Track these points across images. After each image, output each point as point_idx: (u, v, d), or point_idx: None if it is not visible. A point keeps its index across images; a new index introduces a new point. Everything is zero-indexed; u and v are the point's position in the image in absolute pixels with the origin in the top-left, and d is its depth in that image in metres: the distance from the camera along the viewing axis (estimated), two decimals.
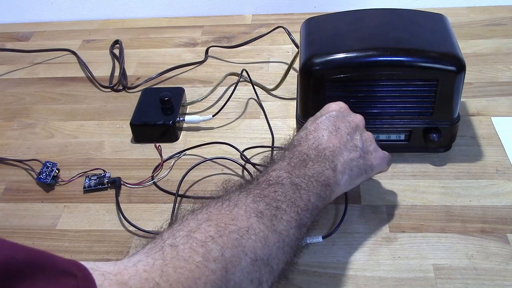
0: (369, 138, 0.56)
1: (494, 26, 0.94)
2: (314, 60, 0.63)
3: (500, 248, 0.57)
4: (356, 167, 0.53)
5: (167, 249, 0.38)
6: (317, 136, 0.53)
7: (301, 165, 0.49)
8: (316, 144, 0.52)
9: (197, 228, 0.41)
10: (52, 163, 0.71)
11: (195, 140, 0.75)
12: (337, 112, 0.56)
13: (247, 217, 0.42)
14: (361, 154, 0.53)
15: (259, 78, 0.86)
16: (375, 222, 0.61)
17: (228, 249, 0.40)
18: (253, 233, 0.42)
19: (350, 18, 0.69)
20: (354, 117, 0.56)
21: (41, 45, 1.01)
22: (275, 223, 0.44)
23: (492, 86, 0.80)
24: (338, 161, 0.51)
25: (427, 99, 0.64)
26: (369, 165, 0.54)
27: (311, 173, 0.49)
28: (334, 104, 0.58)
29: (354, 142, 0.53)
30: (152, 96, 0.79)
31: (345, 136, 0.53)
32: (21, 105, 0.86)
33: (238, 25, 1.02)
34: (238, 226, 0.42)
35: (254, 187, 0.47)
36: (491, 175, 0.65)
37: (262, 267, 0.41)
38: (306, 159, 0.50)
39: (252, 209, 0.44)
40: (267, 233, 0.43)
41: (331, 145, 0.52)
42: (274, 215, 0.44)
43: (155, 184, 0.69)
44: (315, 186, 0.48)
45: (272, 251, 0.42)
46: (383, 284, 0.54)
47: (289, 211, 0.45)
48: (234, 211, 0.43)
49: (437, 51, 0.62)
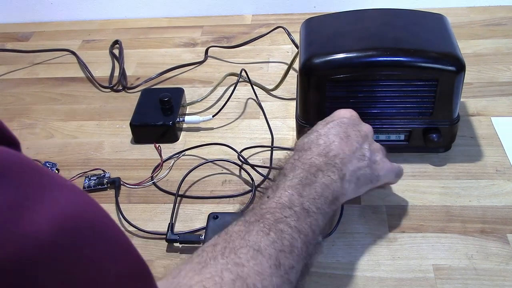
0: (377, 148, 0.56)
1: (494, 26, 0.94)
2: (314, 60, 0.63)
3: (500, 248, 0.57)
4: (363, 176, 0.53)
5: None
6: (328, 142, 0.53)
7: (312, 181, 0.49)
8: (327, 150, 0.52)
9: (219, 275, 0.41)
10: (52, 163, 0.71)
11: (195, 140, 0.75)
12: (348, 120, 0.56)
13: (269, 275, 0.42)
14: (368, 164, 0.54)
15: (259, 78, 0.86)
16: (375, 222, 0.61)
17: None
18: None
19: (350, 18, 0.69)
20: (364, 127, 0.57)
21: (41, 45, 1.01)
22: (290, 275, 0.44)
23: (492, 86, 0.80)
24: (346, 170, 0.52)
25: (427, 99, 0.64)
26: (375, 175, 0.55)
27: (321, 190, 0.49)
28: (345, 110, 0.58)
29: (363, 151, 0.54)
30: (151, 97, 0.78)
31: (354, 144, 0.53)
32: (21, 105, 0.86)
33: (237, 25, 1.02)
34: (260, 285, 0.42)
35: (268, 213, 0.47)
36: (491, 175, 0.65)
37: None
38: (316, 172, 0.50)
39: (272, 257, 0.43)
40: (281, 286, 0.43)
41: (341, 152, 0.52)
42: (291, 267, 0.44)
43: (154, 184, 0.69)
44: (324, 205, 0.49)
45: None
46: (383, 284, 0.54)
47: (300, 248, 0.46)
48: (257, 259, 0.43)
49: (437, 51, 0.62)
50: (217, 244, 0.44)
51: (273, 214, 0.46)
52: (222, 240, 0.45)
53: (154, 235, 0.62)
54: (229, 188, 0.67)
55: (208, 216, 0.61)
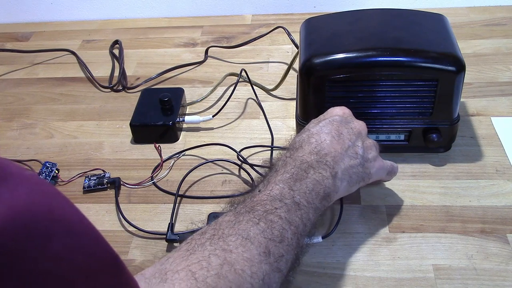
0: (370, 145, 0.56)
1: (494, 26, 0.94)
2: (314, 60, 0.63)
3: (500, 248, 0.57)
4: (355, 174, 0.53)
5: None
6: (319, 140, 0.53)
7: (303, 176, 0.50)
8: (318, 149, 0.52)
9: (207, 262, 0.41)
10: (52, 163, 0.71)
11: (195, 140, 0.75)
12: (341, 117, 0.56)
13: (258, 262, 0.43)
14: (360, 162, 0.54)
15: (259, 78, 0.86)
16: (375, 222, 0.61)
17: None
18: (260, 278, 0.42)
19: (350, 18, 0.69)
20: (357, 124, 0.56)
21: (40, 45, 1.01)
22: (280, 264, 0.44)
23: (492, 86, 0.80)
24: (338, 168, 0.52)
25: (427, 99, 0.64)
26: (367, 173, 0.55)
27: (312, 186, 0.49)
28: (338, 108, 0.58)
29: (356, 149, 0.54)
30: (151, 97, 0.78)
31: (347, 142, 0.53)
32: (21, 105, 0.86)
33: (237, 25, 1.02)
34: (249, 271, 0.42)
35: (259, 205, 0.47)
36: (491, 175, 0.65)
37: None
38: (307, 169, 0.50)
39: (262, 245, 0.44)
40: (270, 274, 0.43)
41: (332, 150, 0.52)
42: (281, 256, 0.44)
43: (154, 184, 0.69)
44: (315, 200, 0.49)
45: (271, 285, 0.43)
46: (383, 284, 0.54)
47: (291, 238, 0.46)
48: (246, 246, 0.43)
49: (437, 51, 0.62)
50: (206, 232, 0.44)
51: (264, 206, 0.46)
52: (211, 229, 0.45)
53: (154, 235, 0.62)
54: (229, 188, 0.67)
55: (208, 216, 0.61)
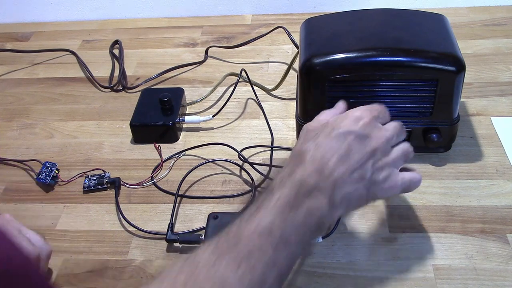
0: (384, 165, 0.49)
1: (494, 26, 0.94)
2: (314, 60, 0.63)
3: (500, 248, 0.57)
4: (356, 199, 0.48)
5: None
6: (326, 158, 0.47)
7: (298, 204, 0.45)
8: (322, 168, 0.47)
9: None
10: (52, 163, 0.71)
11: (195, 140, 0.75)
12: (360, 128, 0.49)
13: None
14: (365, 185, 0.48)
15: (258, 78, 0.86)
16: (375, 222, 0.61)
17: None
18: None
19: (350, 18, 0.69)
20: (374, 140, 0.49)
21: (40, 45, 1.01)
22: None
23: (492, 86, 0.80)
24: (338, 194, 0.47)
25: (426, 99, 0.64)
26: (371, 195, 0.49)
27: (304, 219, 0.45)
28: (361, 112, 0.50)
29: (362, 172, 0.48)
30: (151, 97, 0.78)
31: (353, 165, 0.47)
32: (21, 105, 0.86)
33: (237, 25, 1.02)
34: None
35: (244, 240, 0.43)
36: (491, 175, 0.65)
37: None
38: (305, 193, 0.46)
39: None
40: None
41: (335, 173, 0.47)
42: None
43: (154, 184, 0.69)
44: (307, 233, 0.45)
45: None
46: (383, 284, 0.54)
47: (272, 283, 0.43)
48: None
49: (437, 51, 0.62)
50: (181, 273, 0.41)
51: (248, 243, 0.43)
52: (187, 269, 0.42)
53: (154, 235, 0.62)
54: (229, 188, 0.67)
55: (208, 216, 0.61)
